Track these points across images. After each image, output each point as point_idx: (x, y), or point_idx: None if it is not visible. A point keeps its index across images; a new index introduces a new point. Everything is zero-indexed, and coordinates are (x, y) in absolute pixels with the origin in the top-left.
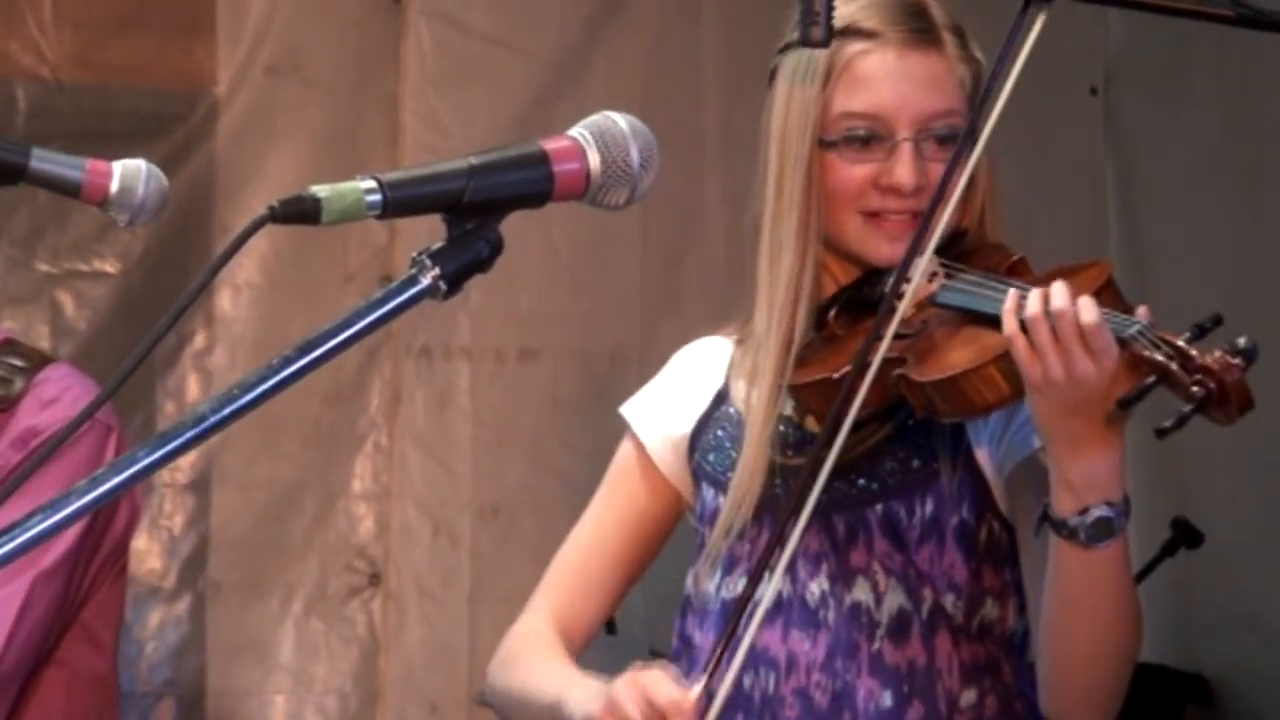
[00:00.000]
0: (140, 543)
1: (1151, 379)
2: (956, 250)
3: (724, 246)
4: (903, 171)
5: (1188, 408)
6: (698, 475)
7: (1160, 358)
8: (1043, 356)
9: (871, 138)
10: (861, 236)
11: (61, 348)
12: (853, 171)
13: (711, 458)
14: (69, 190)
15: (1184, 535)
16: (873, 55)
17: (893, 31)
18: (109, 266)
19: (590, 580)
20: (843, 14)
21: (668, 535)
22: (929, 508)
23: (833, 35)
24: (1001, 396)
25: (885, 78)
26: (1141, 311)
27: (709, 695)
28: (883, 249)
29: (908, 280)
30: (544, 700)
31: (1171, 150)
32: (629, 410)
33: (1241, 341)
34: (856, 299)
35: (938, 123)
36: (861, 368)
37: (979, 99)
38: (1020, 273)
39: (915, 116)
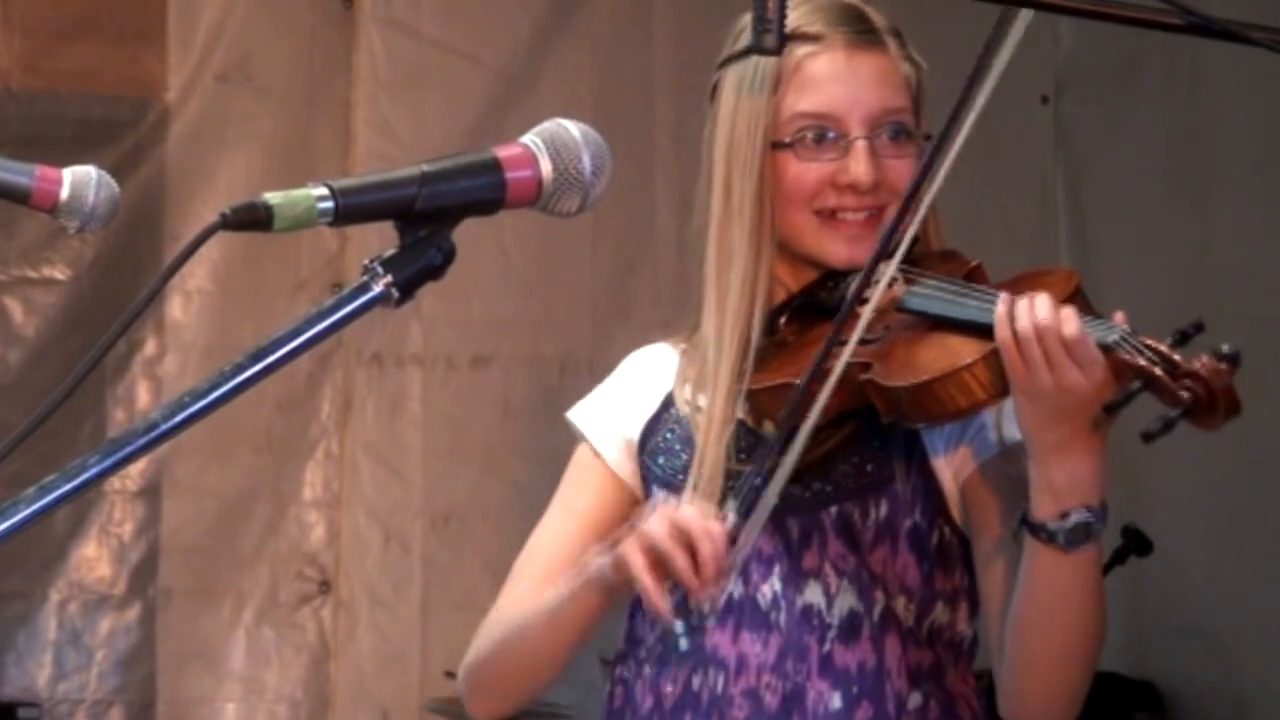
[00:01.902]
0: (90, 550)
1: (1137, 384)
2: (910, 257)
3: (675, 253)
4: (860, 169)
5: (1175, 412)
6: (647, 478)
7: (1144, 363)
8: (1031, 366)
9: (825, 137)
10: (818, 237)
11: (10, 355)
12: (807, 170)
13: (661, 460)
14: (18, 197)
15: (1134, 543)
16: (821, 57)
17: (837, 33)
18: (58, 273)
19: (559, 572)
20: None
21: None
22: (883, 510)
23: (785, 43)
24: (974, 402)
25: (835, 77)
26: (1120, 317)
27: (738, 528)
28: (841, 251)
29: (875, 283)
30: (547, 605)
31: (1121, 157)
32: (577, 415)
33: (1225, 347)
34: (809, 305)
35: (889, 119)
36: (823, 372)
37: (957, 101)
38: (978, 279)
39: (867, 114)
